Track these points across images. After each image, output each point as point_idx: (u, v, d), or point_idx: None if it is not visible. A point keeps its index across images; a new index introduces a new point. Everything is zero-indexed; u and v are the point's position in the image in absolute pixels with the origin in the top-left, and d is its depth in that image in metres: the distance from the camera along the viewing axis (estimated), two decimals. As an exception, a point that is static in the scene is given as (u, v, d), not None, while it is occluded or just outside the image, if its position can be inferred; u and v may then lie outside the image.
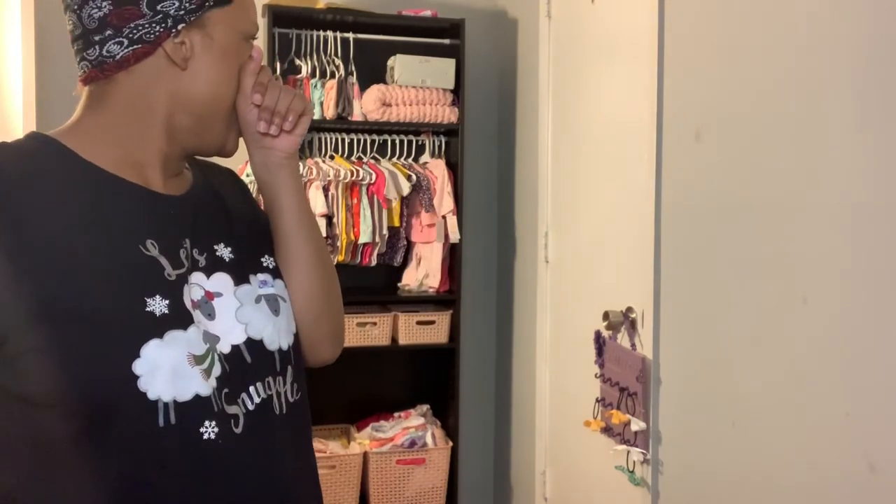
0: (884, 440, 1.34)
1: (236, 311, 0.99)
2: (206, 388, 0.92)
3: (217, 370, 0.94)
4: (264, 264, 1.07)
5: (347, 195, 2.94)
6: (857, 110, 1.40)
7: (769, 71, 1.63)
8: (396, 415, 3.15)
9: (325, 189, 2.90)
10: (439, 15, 3.06)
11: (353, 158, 3.10)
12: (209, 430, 0.92)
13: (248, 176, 2.90)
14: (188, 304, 0.94)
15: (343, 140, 3.09)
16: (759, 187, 1.65)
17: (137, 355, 0.88)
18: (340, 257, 2.95)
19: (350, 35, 3.05)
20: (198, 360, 0.93)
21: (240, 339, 0.98)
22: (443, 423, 3.16)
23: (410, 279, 3.11)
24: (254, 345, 0.99)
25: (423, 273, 3.08)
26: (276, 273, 1.07)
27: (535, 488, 2.91)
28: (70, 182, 0.93)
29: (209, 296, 0.98)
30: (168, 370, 0.89)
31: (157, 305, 0.91)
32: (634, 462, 2.13)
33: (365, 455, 2.97)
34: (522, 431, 3.09)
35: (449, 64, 3.01)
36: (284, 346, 1.03)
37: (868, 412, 1.37)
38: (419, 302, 3.14)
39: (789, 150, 1.57)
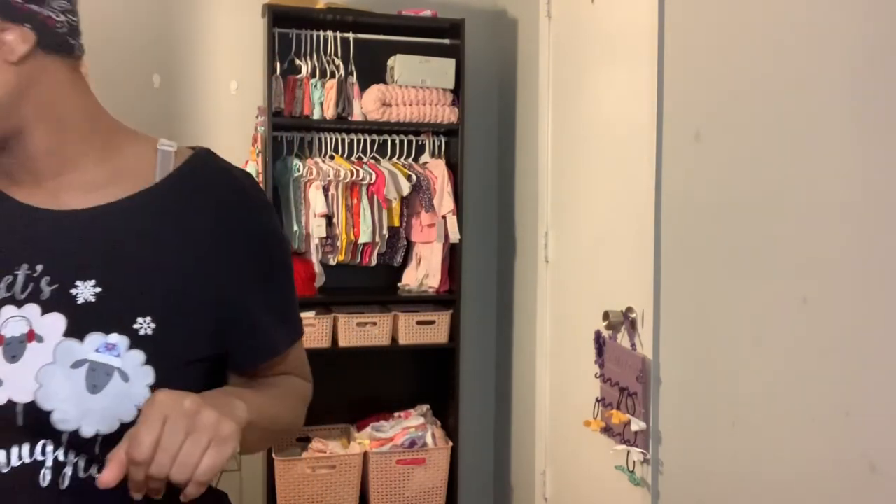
0: (884, 440, 1.34)
1: (41, 368, 0.81)
2: None
3: None
4: (135, 327, 0.83)
5: (347, 195, 2.94)
6: (857, 110, 1.40)
7: (769, 71, 1.63)
8: (396, 415, 3.15)
9: (325, 189, 2.90)
10: (439, 15, 3.06)
11: (353, 158, 3.10)
12: None
13: (248, 176, 2.90)
14: None
15: (343, 140, 3.09)
16: (759, 187, 1.65)
17: None
18: (340, 257, 2.96)
19: (350, 35, 3.05)
20: None
21: (23, 398, 0.80)
22: (443, 423, 3.16)
23: (410, 279, 3.11)
24: (36, 413, 0.80)
25: (423, 273, 3.08)
26: (143, 343, 0.83)
27: (535, 488, 2.91)
28: None
29: (30, 336, 0.82)
30: None
31: None
32: (634, 462, 2.13)
33: (365, 455, 2.97)
34: (522, 431, 3.09)
35: (449, 64, 3.01)
36: (87, 433, 0.81)
37: (868, 412, 1.37)
38: (419, 302, 3.14)
39: (789, 150, 1.57)
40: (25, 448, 0.81)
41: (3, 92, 0.82)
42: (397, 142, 3.17)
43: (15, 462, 0.81)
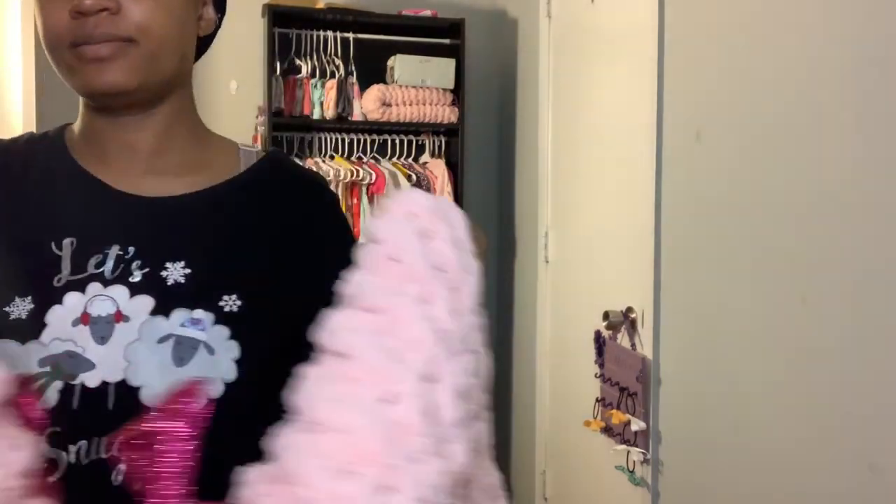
0: (884, 440, 1.34)
1: (128, 345, 0.80)
2: None
3: (51, 400, 0.77)
4: (220, 304, 0.82)
5: (347, 195, 2.94)
6: (857, 110, 1.40)
7: (769, 71, 1.63)
8: (396, 415, 3.15)
9: (325, 189, 2.90)
10: (439, 15, 3.06)
11: (353, 158, 3.09)
12: None
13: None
14: (72, 317, 0.80)
15: (343, 140, 3.09)
16: (759, 187, 1.65)
17: None
18: (340, 257, 2.96)
19: (350, 35, 3.05)
20: None
21: (114, 377, 0.78)
22: (443, 423, 3.16)
23: (410, 279, 3.11)
24: (127, 391, 0.78)
25: (423, 273, 3.07)
26: (228, 319, 0.82)
27: (535, 488, 2.91)
28: (41, 172, 0.88)
29: (118, 316, 0.81)
30: None
31: (19, 309, 0.79)
32: (634, 462, 2.13)
33: (365, 455, 2.96)
34: (522, 431, 3.08)
35: (449, 64, 3.01)
36: None
37: (868, 412, 1.37)
38: (419, 302, 3.14)
39: (789, 150, 1.57)
40: (104, 441, 0.78)
41: (189, 61, 0.88)
42: (397, 142, 3.16)
43: (94, 454, 0.77)
